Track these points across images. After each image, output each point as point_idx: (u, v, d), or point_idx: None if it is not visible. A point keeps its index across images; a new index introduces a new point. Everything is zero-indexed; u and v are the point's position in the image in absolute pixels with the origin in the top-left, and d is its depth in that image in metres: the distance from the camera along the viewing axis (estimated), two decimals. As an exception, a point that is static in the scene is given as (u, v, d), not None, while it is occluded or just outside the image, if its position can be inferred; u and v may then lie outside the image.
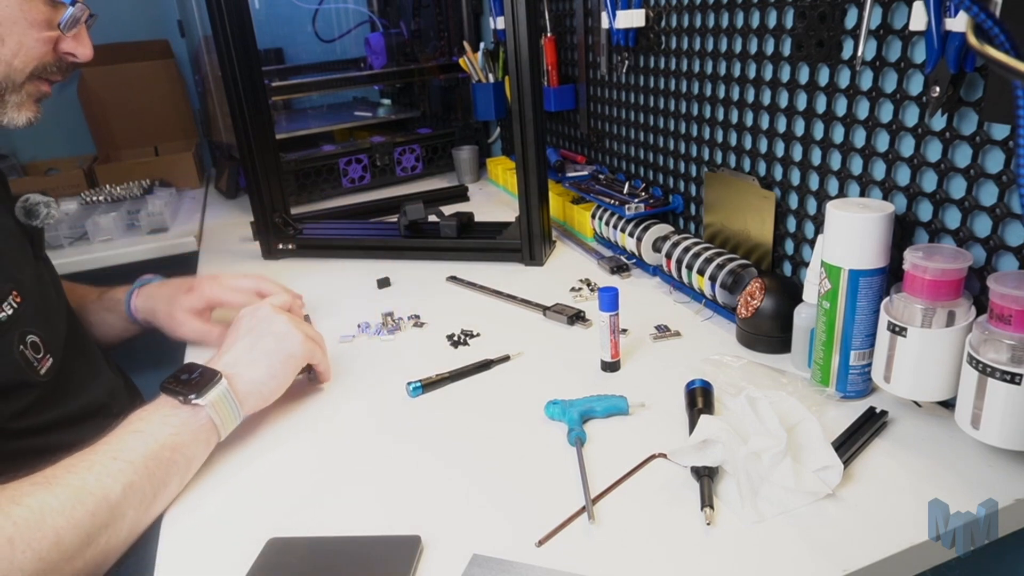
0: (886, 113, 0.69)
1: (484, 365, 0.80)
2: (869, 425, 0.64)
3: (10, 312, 0.69)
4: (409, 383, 0.75)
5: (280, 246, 1.20)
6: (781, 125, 0.82)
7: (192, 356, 0.88)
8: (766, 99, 0.84)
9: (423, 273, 1.08)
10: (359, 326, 0.92)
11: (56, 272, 0.87)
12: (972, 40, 0.46)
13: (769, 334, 0.77)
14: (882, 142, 0.70)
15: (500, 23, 1.31)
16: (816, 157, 0.78)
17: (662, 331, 0.84)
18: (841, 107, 0.73)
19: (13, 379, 0.69)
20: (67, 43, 0.73)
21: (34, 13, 0.69)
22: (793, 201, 0.83)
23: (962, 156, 0.63)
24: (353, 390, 0.78)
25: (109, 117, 1.82)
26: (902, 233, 0.69)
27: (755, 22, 0.83)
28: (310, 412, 0.75)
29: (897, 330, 0.60)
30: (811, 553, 0.51)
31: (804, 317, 0.73)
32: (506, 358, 0.81)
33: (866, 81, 0.70)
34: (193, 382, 0.64)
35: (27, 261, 0.78)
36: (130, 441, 0.60)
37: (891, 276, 0.64)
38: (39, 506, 0.53)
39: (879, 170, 0.71)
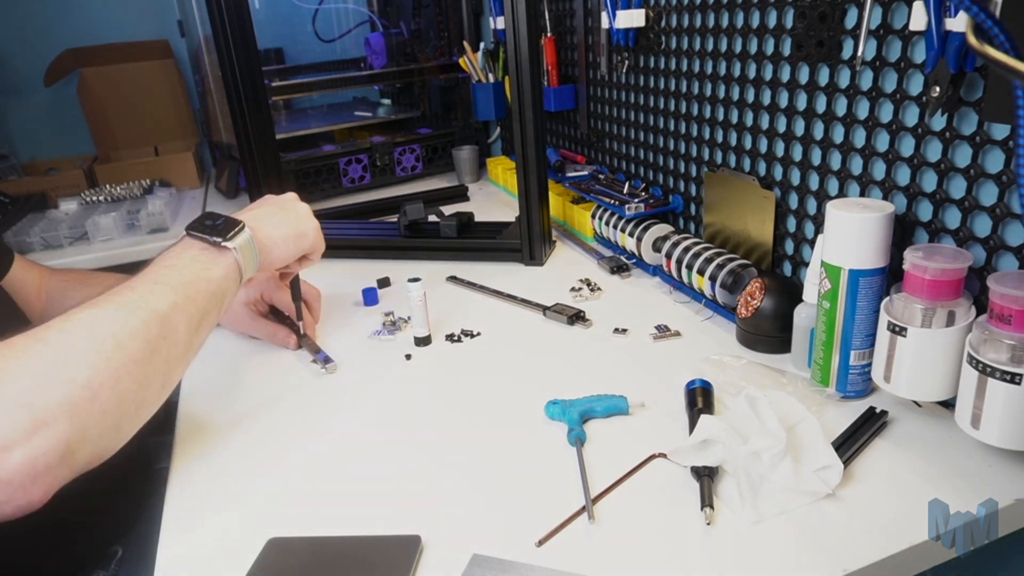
0: (886, 113, 0.69)
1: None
2: (869, 425, 0.64)
3: None
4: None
5: (280, 246, 1.20)
6: (781, 125, 0.82)
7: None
8: (766, 99, 0.84)
9: (423, 273, 1.07)
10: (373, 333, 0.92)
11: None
12: (972, 40, 0.46)
13: (769, 334, 0.77)
14: (882, 142, 0.70)
15: (500, 23, 1.31)
16: (816, 157, 0.78)
17: (662, 331, 0.84)
18: (841, 107, 0.73)
19: None
20: None
21: None
22: (793, 201, 0.83)
23: (962, 156, 0.63)
24: (353, 390, 0.78)
25: (109, 117, 1.83)
26: (902, 233, 0.69)
27: (755, 22, 0.83)
28: (310, 412, 0.75)
29: (897, 330, 0.60)
30: (811, 553, 0.51)
31: (804, 317, 0.73)
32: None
33: (866, 81, 0.70)
34: (218, 227, 0.67)
35: None
36: (166, 273, 0.62)
37: (891, 276, 0.64)
38: (92, 317, 0.55)
39: (879, 170, 0.71)
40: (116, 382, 0.54)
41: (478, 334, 0.88)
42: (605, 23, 1.07)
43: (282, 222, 0.75)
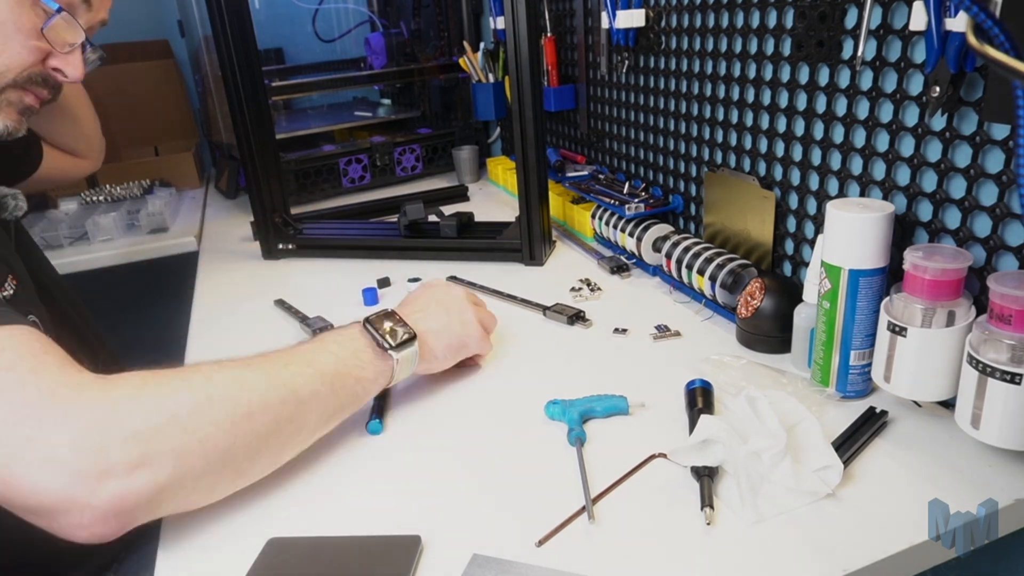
0: (886, 113, 0.69)
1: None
2: (869, 425, 0.64)
3: (11, 292, 0.69)
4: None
5: (280, 246, 1.20)
6: (781, 125, 0.82)
7: (192, 350, 0.88)
8: (766, 99, 0.84)
9: (423, 273, 1.08)
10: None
11: (44, 261, 0.89)
12: (972, 40, 0.46)
13: (769, 334, 0.77)
14: (882, 142, 0.70)
15: (500, 23, 1.31)
16: (816, 157, 0.78)
17: (662, 331, 0.84)
18: (841, 107, 0.73)
19: None
20: (57, 59, 0.71)
21: (24, 19, 0.67)
22: (793, 201, 0.83)
23: (962, 156, 0.63)
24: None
25: (109, 117, 1.81)
26: (902, 233, 0.69)
27: (755, 22, 0.83)
28: (310, 412, 0.75)
29: (897, 330, 0.60)
30: (811, 553, 0.51)
31: (804, 317, 0.73)
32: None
33: (866, 81, 0.70)
34: (395, 332, 0.67)
35: (12, 252, 0.78)
36: (323, 356, 0.63)
37: (891, 276, 0.64)
38: (239, 378, 0.56)
39: (879, 170, 0.71)
40: (230, 447, 0.54)
41: (478, 334, 0.88)
42: (605, 23, 1.07)
43: (445, 332, 0.73)
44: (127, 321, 1.55)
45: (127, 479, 0.48)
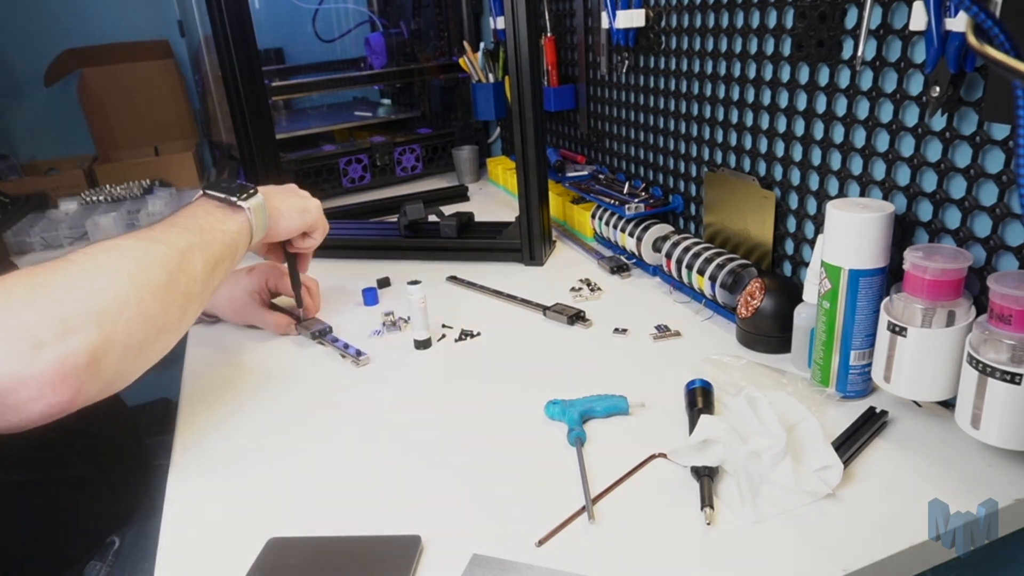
0: (886, 113, 0.69)
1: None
2: (869, 425, 0.64)
3: None
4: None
5: (280, 246, 1.20)
6: (781, 125, 0.82)
7: (191, 353, 0.88)
8: (766, 99, 0.84)
9: (423, 273, 1.07)
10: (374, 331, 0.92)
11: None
12: (972, 40, 0.46)
13: (769, 334, 0.77)
14: (882, 142, 0.70)
15: (500, 23, 1.31)
16: (816, 157, 0.78)
17: (662, 331, 0.84)
18: (841, 107, 0.73)
19: None
20: None
21: None
22: (793, 201, 0.83)
23: (962, 156, 0.63)
24: (352, 389, 0.78)
25: (109, 117, 1.83)
26: (902, 233, 0.69)
27: (755, 22, 0.83)
28: (310, 412, 0.75)
29: (897, 330, 0.60)
30: (811, 553, 0.51)
31: (804, 317, 0.73)
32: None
33: (866, 81, 0.70)
34: (233, 188, 0.74)
35: None
36: (184, 219, 0.69)
37: (891, 276, 0.64)
38: (114, 247, 0.61)
39: (879, 170, 0.71)
40: (140, 300, 0.58)
41: (478, 334, 0.88)
42: (605, 23, 1.07)
43: (287, 197, 0.82)
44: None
45: (59, 345, 0.52)
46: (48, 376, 0.52)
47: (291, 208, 0.81)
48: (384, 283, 1.04)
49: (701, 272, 0.87)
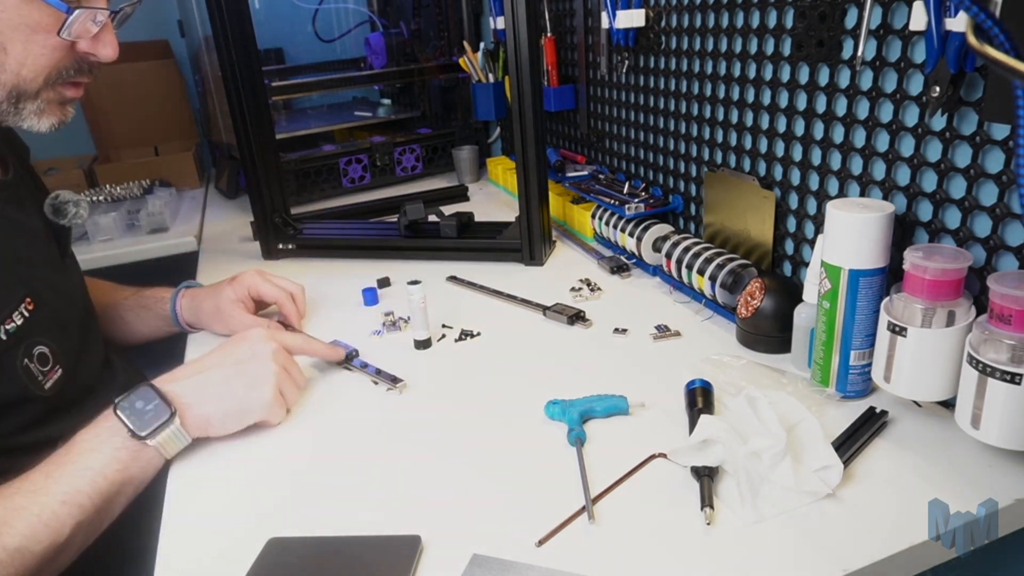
0: (886, 113, 0.69)
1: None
2: (869, 425, 0.64)
3: (20, 322, 0.67)
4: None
5: (280, 246, 1.20)
6: (781, 125, 0.82)
7: (191, 353, 0.88)
8: (766, 99, 0.84)
9: (423, 273, 1.08)
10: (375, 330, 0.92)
11: (81, 272, 0.87)
12: (972, 40, 0.46)
13: (769, 334, 0.77)
14: (882, 142, 0.70)
15: (500, 23, 1.31)
16: (816, 157, 0.78)
17: (662, 331, 0.84)
18: (841, 107, 0.73)
19: (13, 396, 0.67)
20: (85, 44, 0.67)
21: (36, 17, 0.62)
22: (793, 201, 0.83)
23: (962, 156, 0.63)
24: (353, 390, 0.78)
25: (109, 117, 1.82)
26: (902, 233, 0.69)
27: (755, 22, 0.83)
28: (310, 412, 0.75)
29: (897, 330, 0.60)
30: (811, 553, 0.51)
31: (804, 317, 0.73)
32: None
33: (866, 81, 0.70)
34: (148, 415, 0.63)
35: (50, 264, 0.76)
36: (79, 481, 0.60)
37: (891, 276, 0.64)
38: (7, 521, 0.55)
39: (879, 170, 0.71)
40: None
41: (478, 334, 0.88)
42: (605, 23, 1.07)
43: (226, 395, 0.68)
44: (127, 321, 1.54)
45: None
46: None
47: (224, 416, 0.67)
48: (384, 283, 1.04)
49: (701, 272, 0.87)
